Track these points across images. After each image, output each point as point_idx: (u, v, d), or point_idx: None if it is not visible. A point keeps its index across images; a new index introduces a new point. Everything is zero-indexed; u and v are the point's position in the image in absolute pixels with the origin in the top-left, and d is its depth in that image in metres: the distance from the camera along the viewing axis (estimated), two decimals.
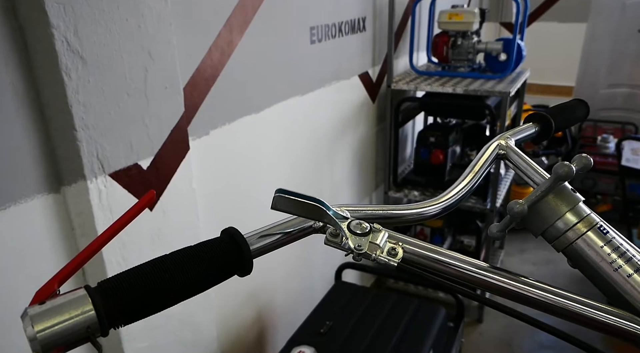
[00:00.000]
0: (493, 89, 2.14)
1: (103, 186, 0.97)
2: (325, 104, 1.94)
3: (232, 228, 0.39)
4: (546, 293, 0.38)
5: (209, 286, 0.38)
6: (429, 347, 1.37)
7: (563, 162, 0.41)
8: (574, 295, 0.38)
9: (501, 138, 0.53)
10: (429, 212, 0.45)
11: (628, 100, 3.93)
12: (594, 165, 2.22)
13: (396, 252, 0.37)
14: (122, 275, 0.35)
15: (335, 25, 1.89)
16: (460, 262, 0.39)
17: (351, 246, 0.37)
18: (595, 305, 0.37)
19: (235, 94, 1.41)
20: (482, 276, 0.39)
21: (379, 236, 0.38)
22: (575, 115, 0.64)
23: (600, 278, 0.39)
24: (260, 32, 1.45)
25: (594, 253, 0.39)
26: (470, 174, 0.49)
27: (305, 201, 0.37)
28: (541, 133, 0.60)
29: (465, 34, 2.38)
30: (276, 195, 0.38)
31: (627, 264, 0.38)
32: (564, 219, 0.41)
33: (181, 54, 1.15)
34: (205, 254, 0.37)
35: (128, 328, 1.07)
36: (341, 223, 0.38)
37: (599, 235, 0.40)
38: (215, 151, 1.37)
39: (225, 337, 1.51)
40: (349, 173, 2.25)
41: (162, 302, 0.36)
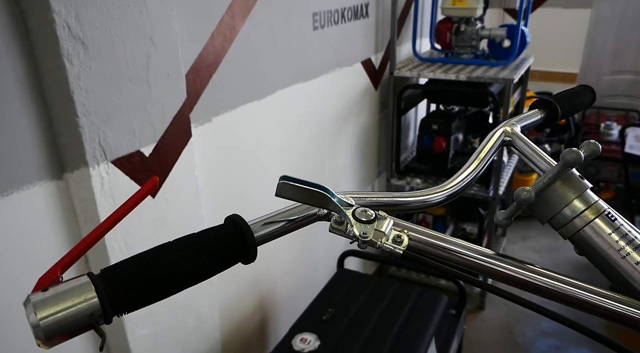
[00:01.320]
0: (496, 76, 2.12)
1: (105, 173, 0.97)
2: (328, 91, 1.92)
3: (236, 216, 0.38)
4: (552, 281, 0.37)
5: (213, 273, 0.37)
6: (431, 334, 1.38)
7: (571, 148, 0.40)
8: (580, 282, 0.37)
9: (506, 125, 0.53)
10: (434, 199, 0.45)
11: (632, 87, 3.89)
12: None
13: (401, 239, 0.37)
14: (125, 263, 0.35)
15: (338, 11, 1.87)
16: (466, 249, 0.39)
17: (356, 234, 0.36)
18: (601, 292, 0.37)
19: (237, 80, 1.39)
20: (488, 263, 0.38)
21: (384, 223, 0.37)
22: (582, 102, 0.64)
23: (607, 265, 0.39)
24: (262, 18, 1.43)
25: (601, 241, 0.39)
26: (475, 161, 0.48)
27: (310, 188, 0.37)
28: (547, 119, 0.59)
29: (469, 20, 2.35)
30: (280, 182, 0.38)
31: (635, 251, 0.38)
32: (572, 206, 0.40)
33: (183, 40, 1.14)
34: (208, 241, 0.37)
35: (131, 315, 1.07)
36: (346, 210, 0.37)
37: (607, 222, 0.39)
38: (217, 138, 1.36)
39: (228, 324, 1.52)
40: (351, 160, 2.24)
41: (165, 290, 0.35)
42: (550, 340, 2.16)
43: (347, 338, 1.35)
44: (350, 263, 2.17)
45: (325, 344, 1.33)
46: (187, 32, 1.17)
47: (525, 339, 2.19)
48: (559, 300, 0.38)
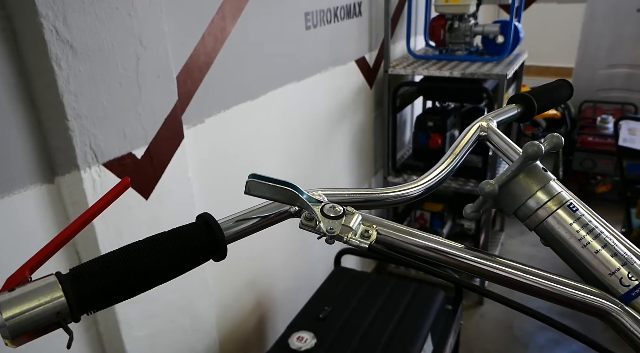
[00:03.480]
0: (490, 72, 2.13)
1: (97, 176, 0.97)
2: (322, 90, 1.93)
3: (207, 214, 0.39)
4: (517, 271, 0.38)
5: (183, 271, 0.38)
6: (427, 330, 1.38)
7: (532, 141, 0.41)
8: (544, 272, 0.38)
9: (483, 120, 0.53)
10: (410, 193, 0.45)
11: (627, 81, 3.90)
12: (593, 146, 2.26)
13: (369, 234, 0.38)
14: (94, 261, 0.36)
15: (330, 11, 1.87)
16: (435, 243, 0.39)
17: (323, 229, 0.37)
18: (564, 281, 0.38)
19: (229, 81, 1.40)
20: (455, 256, 0.39)
21: (352, 219, 0.38)
22: (559, 96, 0.64)
23: (570, 255, 0.40)
24: (254, 18, 1.44)
25: (563, 231, 0.40)
26: (451, 156, 0.49)
27: (278, 186, 0.38)
28: (524, 114, 0.59)
29: (462, 17, 2.35)
30: (249, 180, 0.38)
31: (595, 240, 0.39)
32: (535, 198, 0.41)
33: (174, 41, 1.14)
34: (178, 239, 0.37)
35: (126, 317, 1.08)
36: (315, 207, 0.38)
37: (568, 213, 0.40)
38: (210, 139, 1.37)
39: (225, 324, 1.53)
40: (347, 159, 2.24)
41: (134, 287, 0.36)
42: (549, 334, 2.16)
43: (343, 336, 1.36)
44: (349, 262, 2.18)
45: (321, 342, 1.34)
46: (178, 34, 1.17)
47: (524, 334, 2.20)
48: (523, 290, 0.38)
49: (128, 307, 1.10)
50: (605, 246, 0.39)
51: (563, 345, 2.12)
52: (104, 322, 1.09)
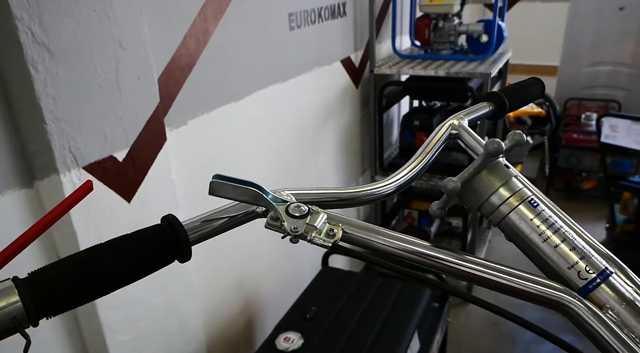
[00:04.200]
0: (474, 71, 2.14)
1: (77, 179, 0.96)
2: (308, 90, 1.93)
3: (171, 216, 0.39)
4: (477, 267, 0.39)
5: (146, 273, 0.38)
6: (413, 328, 1.39)
7: (493, 139, 0.42)
8: (504, 267, 0.39)
9: (454, 118, 0.54)
10: (382, 191, 0.46)
11: (611, 78, 3.95)
12: (578, 143, 2.28)
13: (334, 233, 0.38)
14: (53, 265, 0.35)
15: (314, 11, 1.88)
16: (399, 240, 0.40)
17: (287, 228, 0.37)
18: (523, 276, 0.38)
19: (213, 82, 1.39)
20: (417, 253, 0.39)
21: (317, 218, 0.38)
22: (530, 94, 0.65)
23: (531, 250, 0.40)
24: (237, 19, 1.43)
25: (525, 226, 0.41)
26: (422, 153, 0.50)
27: (241, 186, 0.38)
28: (495, 112, 0.60)
29: (447, 17, 2.37)
30: (212, 181, 0.38)
31: (555, 235, 0.40)
32: (498, 194, 0.42)
33: (154, 43, 1.14)
34: (141, 242, 0.37)
35: (109, 321, 1.07)
36: (280, 206, 0.38)
37: (529, 208, 0.41)
38: (194, 141, 1.36)
39: (213, 326, 1.52)
40: (334, 159, 2.25)
41: (94, 291, 0.35)
42: None
43: (330, 336, 1.36)
44: (338, 262, 2.18)
45: (308, 342, 1.34)
46: (159, 36, 1.17)
47: (511, 330, 2.22)
48: (482, 284, 0.39)
49: (111, 312, 1.09)
50: (564, 240, 0.39)
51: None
52: (87, 327, 1.08)
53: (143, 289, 1.18)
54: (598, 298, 0.38)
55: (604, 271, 0.38)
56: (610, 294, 0.37)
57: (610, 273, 0.38)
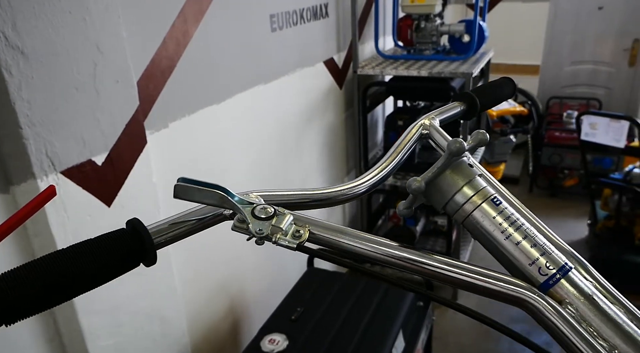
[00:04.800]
0: (456, 70, 2.16)
1: (55, 184, 0.95)
2: (291, 91, 1.93)
3: (135, 219, 0.39)
4: (439, 264, 0.39)
5: (110, 277, 0.37)
6: (398, 327, 1.40)
7: (456, 139, 0.42)
8: (466, 264, 0.39)
9: (426, 118, 0.55)
10: (353, 192, 0.46)
11: (592, 77, 4.02)
12: (560, 141, 2.32)
13: (300, 234, 0.38)
14: (10, 273, 0.34)
15: (296, 12, 1.88)
16: (364, 240, 0.40)
17: (252, 230, 0.37)
18: (484, 272, 0.39)
19: (194, 85, 1.39)
20: (380, 252, 0.40)
21: (283, 219, 0.38)
22: (501, 93, 0.66)
23: (494, 247, 0.41)
24: (217, 21, 1.43)
25: (488, 223, 0.41)
26: (393, 154, 0.50)
27: (205, 188, 0.38)
28: (467, 111, 0.61)
29: (428, 17, 2.39)
30: (176, 184, 0.38)
31: (516, 232, 0.40)
32: (462, 193, 0.42)
33: (133, 46, 1.13)
34: (104, 246, 0.37)
35: (90, 326, 1.06)
36: (245, 208, 0.38)
37: (492, 206, 0.42)
38: (176, 144, 1.36)
39: (197, 329, 1.51)
40: (318, 160, 2.25)
41: (54, 297, 0.35)
42: (520, 325, 2.21)
43: (315, 337, 1.36)
44: (324, 262, 2.18)
45: (294, 344, 1.34)
46: (137, 38, 1.16)
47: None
48: (444, 282, 0.39)
49: (93, 317, 1.08)
50: (526, 237, 0.40)
51: (533, 337, 2.17)
52: (68, 333, 1.07)
53: (125, 293, 1.17)
54: (558, 293, 0.38)
55: (564, 267, 0.39)
56: (570, 289, 0.38)
57: (570, 269, 0.39)
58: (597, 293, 0.38)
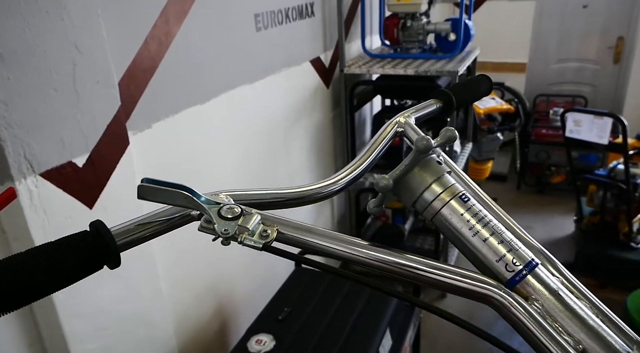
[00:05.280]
0: (442, 69, 2.17)
1: (34, 186, 0.94)
2: (277, 91, 1.92)
3: (98, 221, 0.38)
4: (406, 262, 0.39)
5: (73, 280, 0.37)
6: (385, 325, 1.40)
7: (423, 136, 0.42)
8: (433, 262, 0.39)
9: (401, 116, 0.54)
10: (328, 190, 0.46)
11: (577, 74, 4.06)
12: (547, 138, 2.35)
13: (267, 234, 0.38)
14: None
15: (281, 12, 1.87)
16: (332, 238, 0.40)
17: (217, 231, 0.37)
18: (451, 270, 0.39)
19: (177, 85, 1.38)
20: (349, 250, 0.39)
21: (250, 219, 0.38)
22: (478, 91, 0.66)
23: (463, 244, 0.41)
24: (200, 21, 1.42)
25: (456, 220, 0.41)
26: (367, 152, 0.50)
27: (170, 189, 0.37)
28: (443, 109, 0.61)
29: (414, 16, 2.40)
30: (139, 185, 0.38)
31: (484, 229, 0.40)
32: (430, 190, 0.42)
33: (114, 46, 1.12)
34: (66, 248, 0.36)
35: (74, 331, 1.05)
36: (211, 209, 0.38)
37: (460, 203, 0.41)
38: (160, 144, 1.34)
39: (184, 331, 1.50)
40: (306, 160, 2.25)
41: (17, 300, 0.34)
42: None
43: (302, 336, 1.36)
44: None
45: (280, 344, 1.33)
46: (118, 38, 1.15)
47: (484, 322, 2.25)
48: (411, 280, 0.39)
49: (76, 320, 1.07)
50: (493, 234, 0.40)
51: None
52: (50, 337, 1.05)
53: (109, 296, 1.15)
54: (525, 289, 0.38)
55: (530, 263, 0.39)
56: (536, 285, 0.38)
57: (536, 265, 0.39)
58: (563, 288, 0.39)
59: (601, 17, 3.84)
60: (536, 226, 3.22)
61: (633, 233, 2.39)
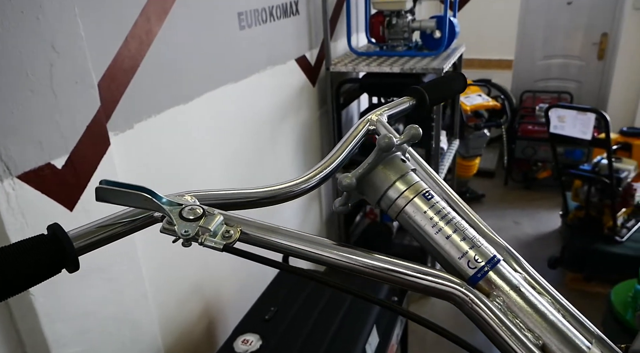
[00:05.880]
0: (428, 66, 2.18)
1: (11, 189, 0.93)
2: (262, 90, 1.92)
3: (55, 224, 0.38)
4: (368, 261, 0.39)
5: (29, 284, 0.36)
6: (372, 323, 1.40)
7: (385, 134, 0.42)
8: (395, 260, 0.39)
9: (373, 114, 0.54)
10: (299, 189, 0.46)
11: (563, 70, 4.10)
12: (533, 134, 2.37)
13: (230, 234, 0.38)
14: None
15: (265, 10, 1.86)
16: (296, 237, 0.40)
17: (177, 232, 0.36)
18: (414, 267, 0.39)
19: (159, 84, 1.37)
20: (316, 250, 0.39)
21: (213, 220, 0.37)
22: (451, 88, 0.66)
23: (426, 241, 0.41)
24: (182, 20, 1.41)
25: (420, 217, 0.41)
26: (339, 150, 0.50)
27: (129, 191, 0.37)
28: (417, 106, 0.61)
29: (400, 13, 2.40)
30: (97, 187, 0.37)
31: (447, 226, 0.40)
32: (394, 188, 0.42)
33: (93, 46, 1.10)
34: (22, 252, 0.36)
35: (55, 334, 1.04)
36: (172, 210, 0.37)
37: (423, 201, 0.41)
38: (142, 145, 1.33)
39: (170, 333, 1.50)
40: (293, 158, 2.24)
41: None
42: None
43: (289, 336, 1.36)
44: (299, 260, 2.18)
45: (267, 343, 1.33)
46: (98, 38, 1.14)
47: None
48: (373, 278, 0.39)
49: (58, 325, 1.06)
50: (456, 231, 0.40)
51: None
52: (31, 343, 1.04)
53: (93, 299, 1.14)
54: (487, 286, 0.38)
55: (492, 259, 0.39)
56: (498, 281, 0.38)
57: (498, 261, 0.39)
58: (524, 284, 0.39)
59: (585, 14, 3.88)
60: (523, 221, 3.24)
61: (617, 227, 2.42)
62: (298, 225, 2.35)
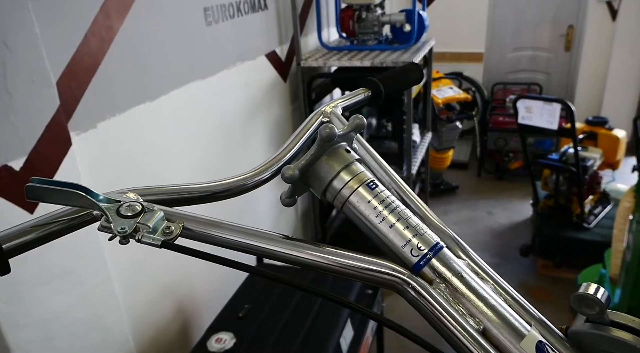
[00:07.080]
0: (398, 60, 2.19)
1: None
2: (232, 86, 1.90)
3: None
4: (310, 252, 0.39)
5: None
6: (346, 317, 1.41)
7: (327, 124, 0.42)
8: (337, 250, 0.39)
9: (327, 106, 0.54)
10: (249, 183, 0.45)
11: (532, 62, 4.18)
12: (504, 125, 2.42)
13: (171, 230, 0.37)
14: None
15: (232, 5, 1.84)
16: (239, 231, 0.39)
17: (113, 229, 0.36)
18: (356, 257, 0.39)
19: (123, 82, 1.33)
20: (259, 243, 0.39)
21: (152, 216, 0.37)
22: (407, 79, 0.67)
23: (371, 231, 0.41)
24: (145, 16, 1.38)
25: (364, 207, 0.41)
26: (290, 143, 0.50)
27: (62, 189, 0.36)
28: (372, 98, 0.61)
29: (369, 7, 2.41)
30: (27, 185, 0.36)
31: (390, 215, 0.40)
32: (339, 178, 0.42)
33: (50, 43, 1.07)
34: None
35: (18, 343, 1.01)
36: (110, 207, 0.36)
37: (367, 190, 0.41)
38: (107, 145, 1.30)
39: (142, 335, 1.47)
40: (266, 154, 2.22)
41: None
42: None
43: (263, 332, 1.35)
44: None
45: (241, 341, 1.32)
46: (55, 35, 1.10)
47: None
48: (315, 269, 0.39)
49: (22, 331, 1.03)
50: (400, 219, 0.40)
51: None
52: None
53: (58, 304, 1.11)
54: (429, 273, 0.39)
55: (435, 246, 0.39)
56: (440, 269, 0.39)
57: (441, 248, 0.39)
58: (467, 270, 0.39)
59: (552, 7, 3.96)
60: (496, 211, 3.30)
61: (585, 214, 2.48)
62: (273, 222, 2.34)
